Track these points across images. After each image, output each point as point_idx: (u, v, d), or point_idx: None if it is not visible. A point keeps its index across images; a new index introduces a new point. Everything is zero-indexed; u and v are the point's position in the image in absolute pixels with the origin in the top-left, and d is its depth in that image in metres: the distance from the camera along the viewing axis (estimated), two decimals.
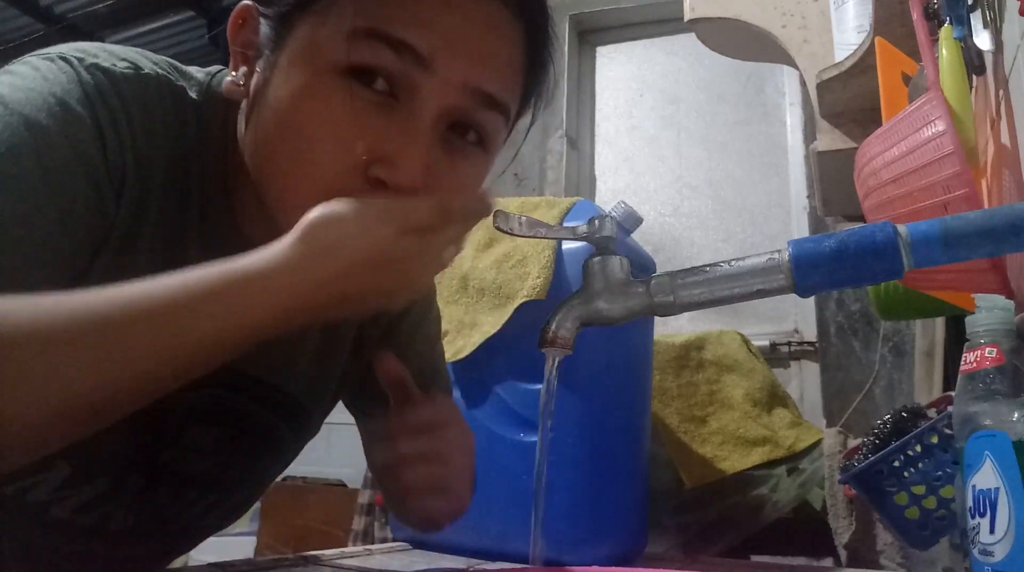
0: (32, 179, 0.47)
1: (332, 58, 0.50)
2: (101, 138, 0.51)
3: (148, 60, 0.57)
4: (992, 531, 0.47)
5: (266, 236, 0.53)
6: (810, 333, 2.17)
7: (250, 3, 0.56)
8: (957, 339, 1.16)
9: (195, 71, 0.60)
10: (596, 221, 0.54)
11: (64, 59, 0.51)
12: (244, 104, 0.57)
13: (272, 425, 0.68)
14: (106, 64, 0.53)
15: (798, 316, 2.27)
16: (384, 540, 1.78)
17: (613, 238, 0.54)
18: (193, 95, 0.58)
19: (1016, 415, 0.48)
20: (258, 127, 0.54)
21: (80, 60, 0.52)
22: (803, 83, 1.43)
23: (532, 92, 0.60)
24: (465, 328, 1.00)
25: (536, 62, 0.58)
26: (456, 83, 0.51)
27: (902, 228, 0.45)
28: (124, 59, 0.54)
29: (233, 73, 0.56)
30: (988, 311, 0.52)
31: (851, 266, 0.46)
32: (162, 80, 0.56)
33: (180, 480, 0.65)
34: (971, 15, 0.74)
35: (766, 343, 2.17)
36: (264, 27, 0.55)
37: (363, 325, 0.73)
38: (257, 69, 0.55)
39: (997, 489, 0.47)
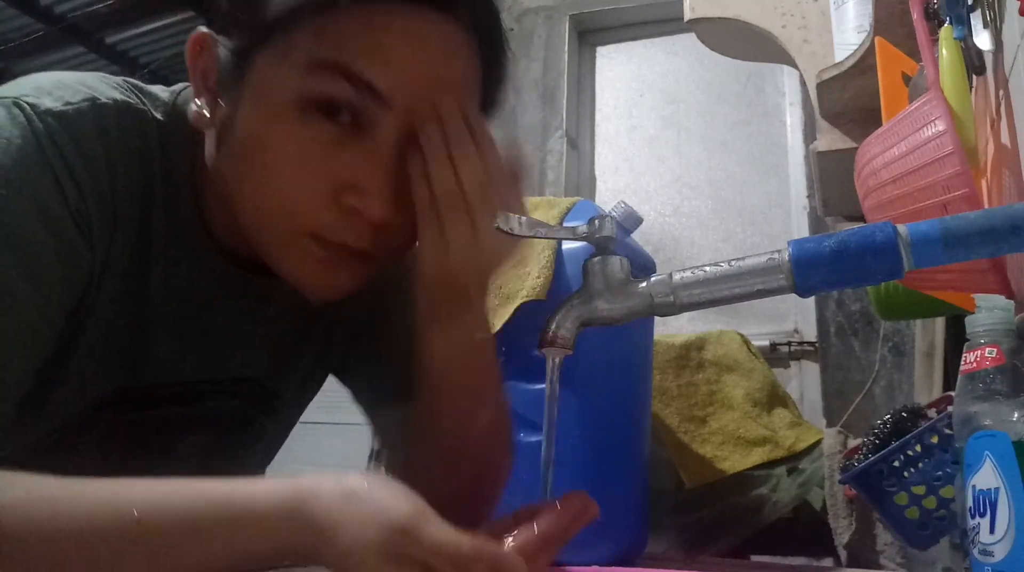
0: None
1: (293, 93, 0.52)
2: (59, 189, 0.50)
3: (106, 85, 0.57)
4: (992, 531, 0.47)
5: (243, 246, 0.57)
6: (810, 333, 2.17)
7: (206, 32, 0.56)
8: (957, 339, 1.16)
9: (159, 91, 0.61)
10: (596, 221, 0.54)
11: (18, 106, 0.51)
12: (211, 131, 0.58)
13: (247, 415, 0.69)
14: (58, 107, 0.52)
15: (798, 316, 2.27)
16: None
17: (613, 238, 0.54)
18: (157, 115, 0.58)
19: (1016, 415, 0.48)
20: (228, 159, 0.55)
21: (33, 107, 0.51)
22: (803, 83, 1.43)
23: (492, 93, 0.61)
24: None
25: (492, 71, 0.60)
26: (416, 112, 0.53)
27: (902, 228, 0.45)
28: (79, 92, 0.54)
29: (197, 102, 0.56)
30: (988, 311, 0.52)
31: (851, 266, 0.46)
32: (121, 107, 0.56)
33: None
34: (971, 15, 0.74)
35: (766, 343, 2.17)
36: (223, 56, 0.55)
37: (340, 308, 0.72)
38: (220, 102, 0.55)
39: (997, 489, 0.47)
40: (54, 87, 0.53)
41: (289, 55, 0.52)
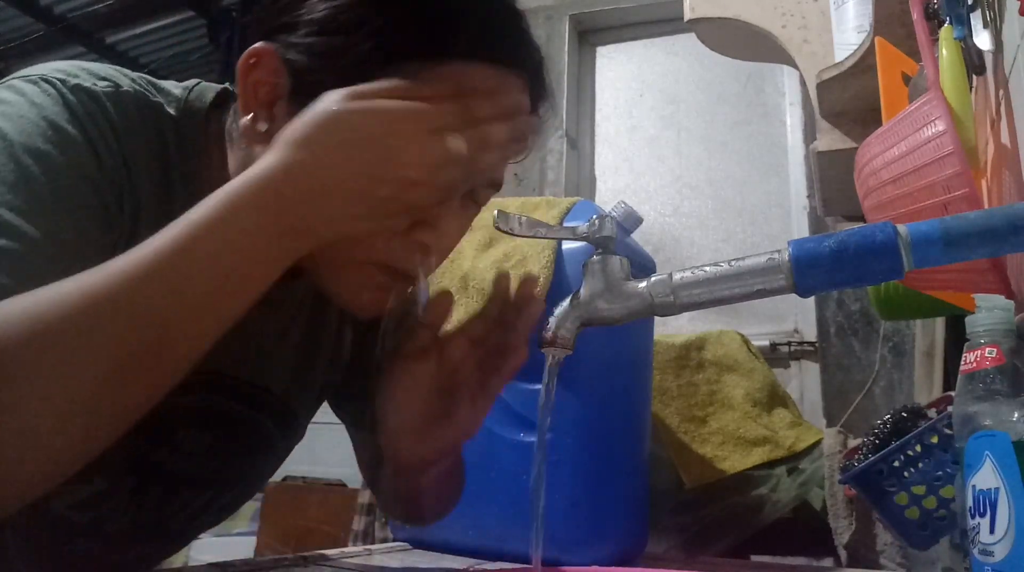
0: (45, 206, 0.47)
1: None
2: (96, 155, 0.51)
3: (126, 78, 0.57)
4: (992, 531, 0.47)
5: None
6: (810, 333, 2.17)
7: (267, 46, 0.53)
8: (957, 339, 1.16)
9: (172, 86, 0.61)
10: (596, 221, 0.54)
11: (47, 81, 0.51)
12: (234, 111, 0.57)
13: (260, 425, 0.69)
14: (87, 84, 0.53)
15: (798, 316, 2.27)
16: (384, 540, 1.78)
17: (613, 238, 0.54)
18: (171, 111, 0.58)
19: (1016, 415, 0.48)
20: None
21: (63, 82, 0.52)
22: (803, 83, 1.43)
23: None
24: None
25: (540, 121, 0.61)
26: (483, 175, 0.56)
27: (902, 228, 0.45)
28: (103, 78, 0.55)
29: (247, 117, 0.54)
30: (988, 311, 0.52)
31: (851, 266, 0.46)
32: (140, 97, 0.56)
33: (173, 481, 0.65)
34: (971, 15, 0.74)
35: (766, 343, 2.18)
36: (284, 73, 0.53)
37: (351, 321, 0.74)
38: (277, 117, 0.53)
39: (997, 489, 0.47)
40: (79, 70, 0.54)
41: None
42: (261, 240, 0.45)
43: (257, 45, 0.54)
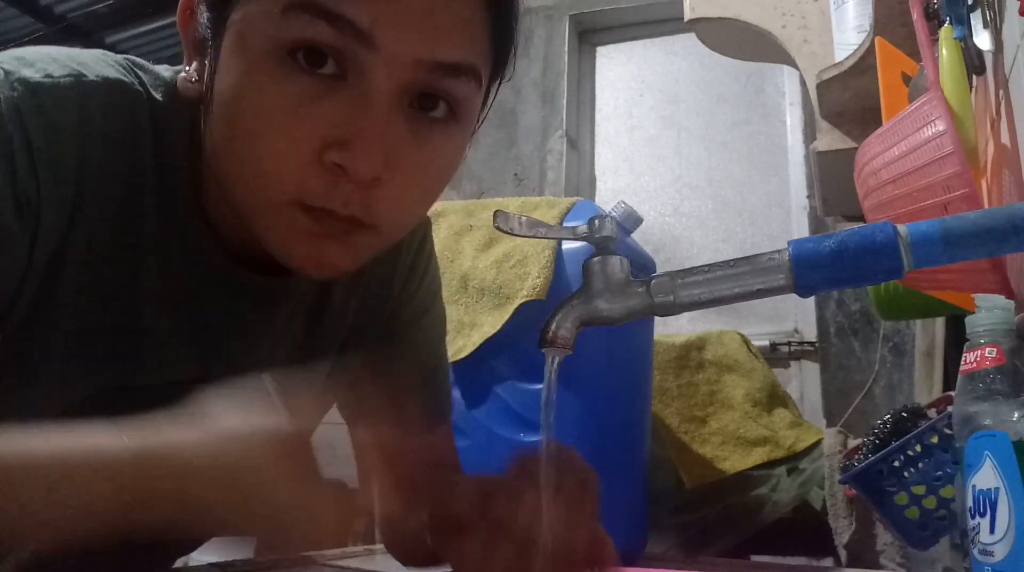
0: None
1: (269, 41, 0.46)
2: (9, 162, 0.47)
3: (102, 63, 0.53)
4: (992, 531, 0.47)
5: (250, 241, 0.53)
6: (810, 333, 2.17)
7: None
8: (957, 339, 1.16)
9: (163, 70, 0.57)
10: (596, 221, 0.54)
11: None
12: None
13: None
14: (36, 77, 0.49)
15: (798, 316, 2.27)
16: None
17: (613, 238, 0.54)
18: (156, 95, 0.55)
19: (1016, 415, 0.48)
20: (212, 123, 0.51)
21: (7, 74, 0.48)
22: (803, 83, 1.43)
23: (503, 47, 0.54)
24: (465, 328, 1.00)
25: (501, 16, 0.52)
26: (407, 58, 0.46)
27: (902, 228, 0.45)
28: (65, 67, 0.51)
29: (187, 68, 0.53)
30: (988, 311, 0.52)
31: (851, 266, 0.46)
32: (112, 86, 0.52)
33: None
34: (971, 15, 0.74)
35: (766, 343, 2.17)
36: (204, 16, 0.51)
37: (358, 316, 0.71)
38: (206, 62, 0.51)
39: (997, 489, 0.47)
40: (39, 59, 0.50)
41: (263, 1, 0.47)
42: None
43: None
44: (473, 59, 0.50)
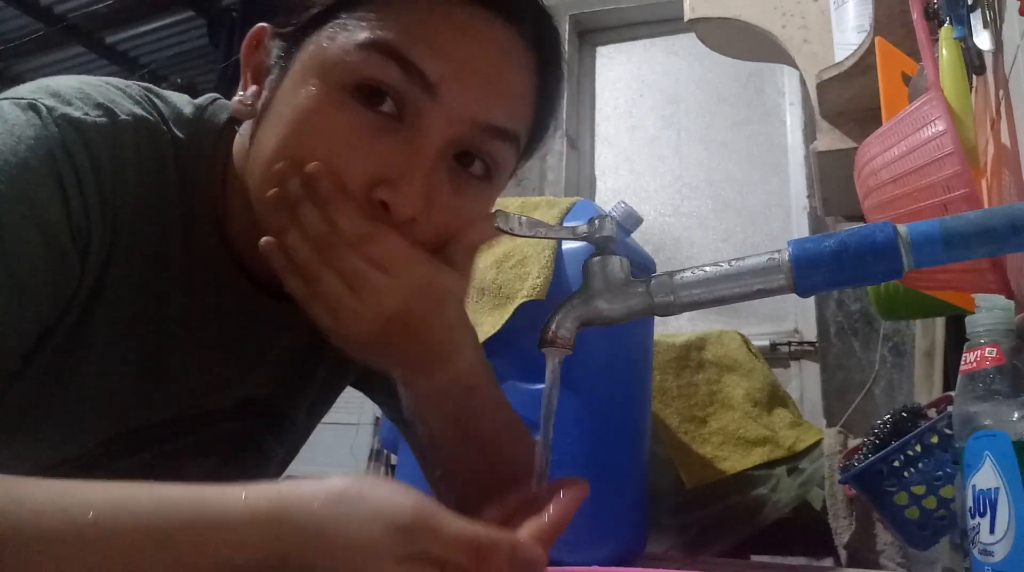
0: None
1: (339, 74, 0.49)
2: (64, 196, 0.48)
3: (128, 100, 0.54)
4: (992, 531, 0.47)
5: (266, 268, 0.53)
6: (810, 333, 2.17)
7: (265, 25, 0.55)
8: (957, 339, 1.16)
9: (182, 104, 0.58)
10: (596, 221, 0.54)
11: (34, 108, 0.49)
12: (246, 125, 0.56)
13: (255, 436, 0.67)
14: (76, 114, 0.50)
15: (798, 316, 2.27)
16: None
17: (613, 238, 0.54)
18: (177, 132, 0.56)
19: (1016, 415, 0.48)
20: (260, 144, 0.52)
21: (50, 110, 0.49)
22: (803, 83, 1.43)
23: (544, 122, 0.59)
24: None
25: (548, 93, 0.58)
26: (464, 115, 0.50)
27: (902, 228, 0.45)
28: (99, 105, 0.52)
29: (242, 92, 0.55)
30: (988, 311, 0.52)
31: (851, 266, 0.46)
32: (139, 124, 0.53)
33: None
34: (971, 15, 0.74)
35: (766, 343, 2.17)
36: (276, 47, 0.54)
37: None
38: (264, 89, 0.54)
39: (997, 489, 0.47)
40: (75, 95, 0.51)
41: (340, 36, 0.50)
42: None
43: (258, 25, 0.55)
44: (518, 127, 0.54)
